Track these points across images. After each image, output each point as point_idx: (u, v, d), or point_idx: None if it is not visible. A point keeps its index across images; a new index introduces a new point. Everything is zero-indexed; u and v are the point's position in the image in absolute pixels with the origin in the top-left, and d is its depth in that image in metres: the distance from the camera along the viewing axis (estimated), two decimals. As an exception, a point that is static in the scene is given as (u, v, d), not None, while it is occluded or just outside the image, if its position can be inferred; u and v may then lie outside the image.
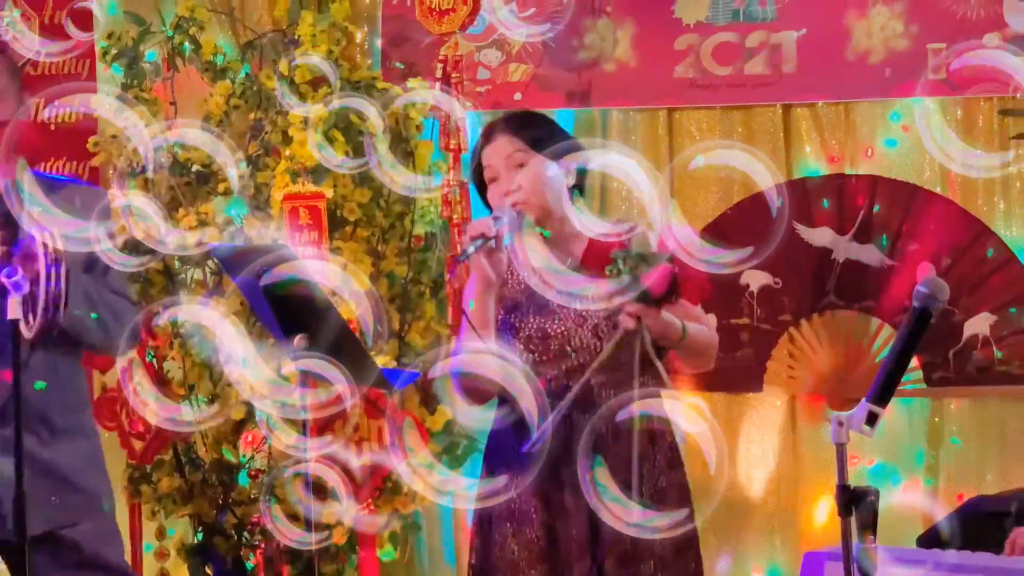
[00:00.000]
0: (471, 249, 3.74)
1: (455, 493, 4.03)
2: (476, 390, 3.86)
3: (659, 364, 3.75)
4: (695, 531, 3.99)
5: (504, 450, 3.90)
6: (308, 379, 3.88)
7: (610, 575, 3.83)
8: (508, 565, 3.88)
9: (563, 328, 3.88)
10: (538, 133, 3.90)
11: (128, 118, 4.19)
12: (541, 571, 3.86)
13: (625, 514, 3.56)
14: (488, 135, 3.95)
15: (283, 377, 3.90)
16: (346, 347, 3.77)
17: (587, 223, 3.75)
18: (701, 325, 3.90)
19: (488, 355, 3.70)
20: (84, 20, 6.15)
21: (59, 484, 4.11)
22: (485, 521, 3.96)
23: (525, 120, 3.97)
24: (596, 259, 3.71)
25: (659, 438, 3.94)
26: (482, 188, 3.96)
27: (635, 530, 3.56)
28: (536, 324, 3.89)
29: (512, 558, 3.88)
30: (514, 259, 3.78)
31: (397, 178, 4.23)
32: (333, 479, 4.35)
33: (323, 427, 5.24)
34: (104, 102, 4.25)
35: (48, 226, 3.82)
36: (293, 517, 4.40)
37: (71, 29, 4.88)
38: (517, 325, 3.92)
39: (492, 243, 3.75)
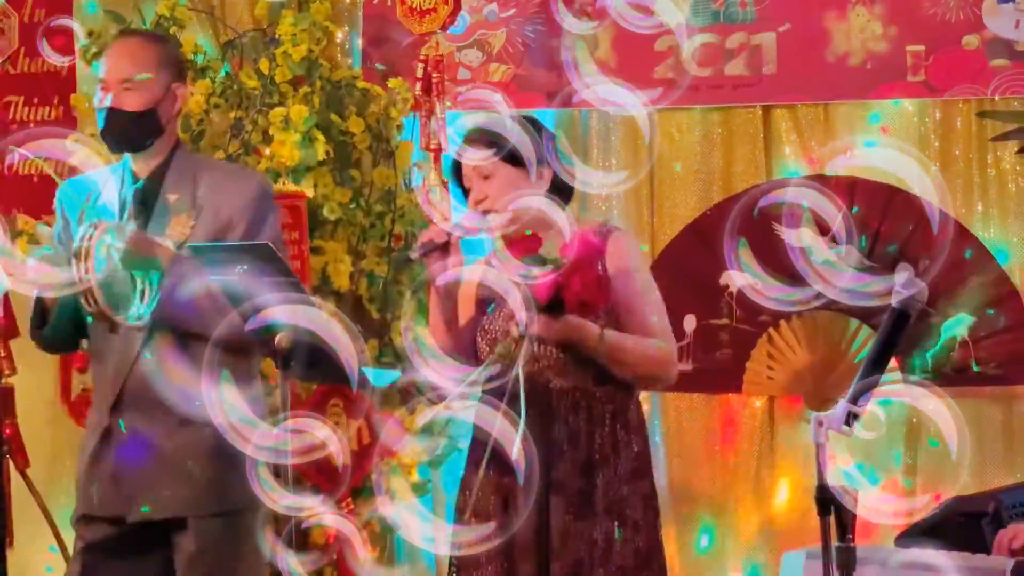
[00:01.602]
0: (414, 255, 3.91)
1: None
2: None
3: (520, 372, 3.75)
4: (659, 541, 4.00)
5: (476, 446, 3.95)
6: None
7: (575, 574, 3.86)
8: (470, 558, 3.92)
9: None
10: (501, 139, 3.93)
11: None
12: (496, 567, 3.89)
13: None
14: (465, 143, 4.01)
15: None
16: (328, 347, 3.77)
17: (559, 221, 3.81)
18: (645, 341, 3.90)
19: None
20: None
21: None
22: (459, 511, 4.01)
23: (488, 129, 3.99)
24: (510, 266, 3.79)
25: (623, 447, 3.95)
26: (465, 192, 4.02)
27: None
28: (502, 327, 3.94)
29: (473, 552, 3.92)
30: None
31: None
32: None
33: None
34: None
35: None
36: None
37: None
38: (486, 326, 4.00)
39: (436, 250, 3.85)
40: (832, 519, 2.98)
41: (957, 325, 5.89)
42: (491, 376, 3.76)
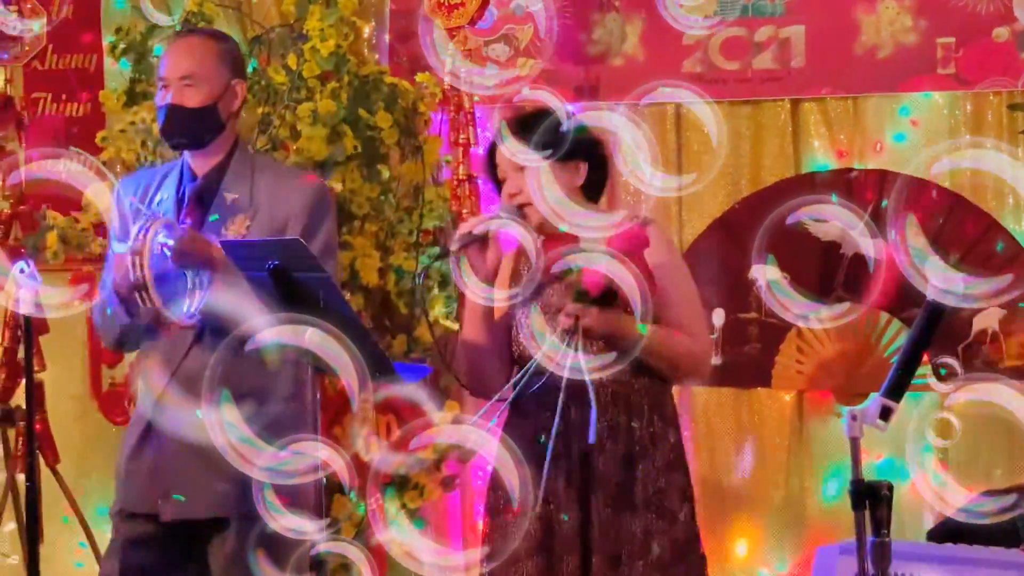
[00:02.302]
0: (454, 247, 3.88)
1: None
2: None
3: (583, 363, 3.76)
4: (696, 533, 4.00)
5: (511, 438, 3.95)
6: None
7: (601, 571, 3.85)
8: (510, 554, 3.90)
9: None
10: (538, 133, 3.92)
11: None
12: (537, 562, 3.89)
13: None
14: (501, 135, 4.00)
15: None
16: (357, 340, 3.76)
17: (591, 220, 3.80)
18: (681, 336, 3.89)
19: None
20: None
21: None
22: (494, 509, 3.99)
23: (527, 123, 3.99)
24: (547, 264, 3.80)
25: (660, 439, 3.96)
26: (498, 184, 4.02)
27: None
28: (539, 320, 3.94)
29: (515, 548, 3.91)
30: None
31: None
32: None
33: (332, 420, 5.25)
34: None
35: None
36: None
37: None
38: (522, 320, 3.99)
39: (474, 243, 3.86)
40: (867, 514, 2.97)
41: (988, 319, 5.87)
42: (538, 372, 3.78)
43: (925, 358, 5.78)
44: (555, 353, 3.74)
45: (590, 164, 3.99)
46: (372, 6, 6.23)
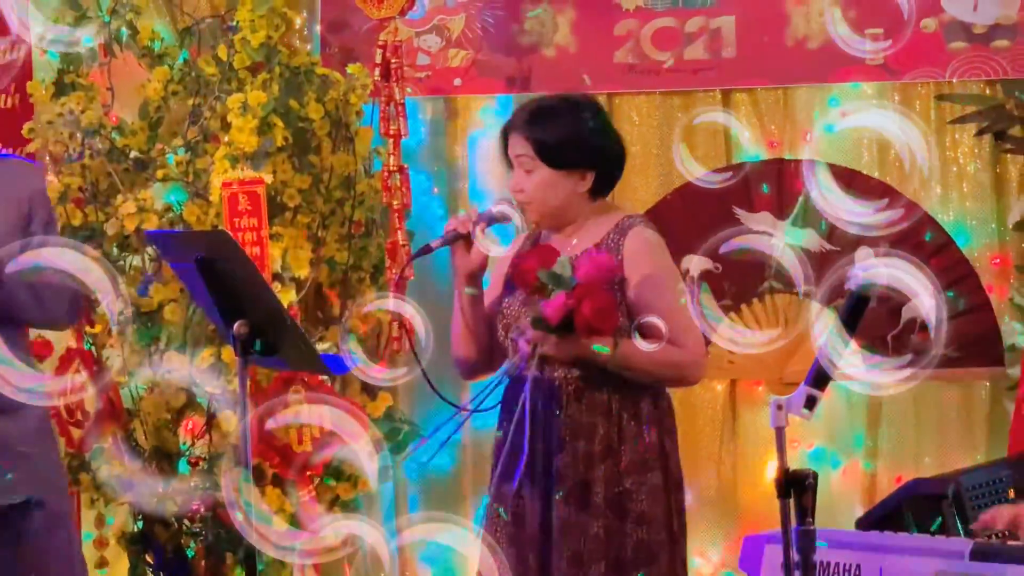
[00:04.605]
0: (434, 244, 3.94)
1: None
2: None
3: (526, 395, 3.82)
4: (674, 535, 4.02)
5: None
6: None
7: (563, 570, 3.86)
8: (490, 547, 3.90)
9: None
10: (547, 142, 3.94)
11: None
12: (510, 553, 3.91)
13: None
14: (512, 123, 4.05)
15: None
16: (284, 330, 3.76)
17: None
18: (664, 346, 3.87)
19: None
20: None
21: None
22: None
23: (538, 122, 4.00)
24: (523, 276, 3.86)
25: (630, 439, 3.95)
26: (510, 164, 4.05)
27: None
28: (516, 312, 3.94)
29: (497, 538, 3.95)
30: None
31: None
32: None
33: (264, 415, 5.23)
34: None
35: None
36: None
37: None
38: (504, 310, 4.02)
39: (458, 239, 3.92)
40: (792, 502, 2.98)
41: (917, 308, 5.90)
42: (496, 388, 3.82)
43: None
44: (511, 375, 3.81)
45: (597, 171, 3.99)
46: (303, -3, 6.21)
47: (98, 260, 3.61)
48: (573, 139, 3.96)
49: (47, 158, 5.62)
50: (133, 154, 5.63)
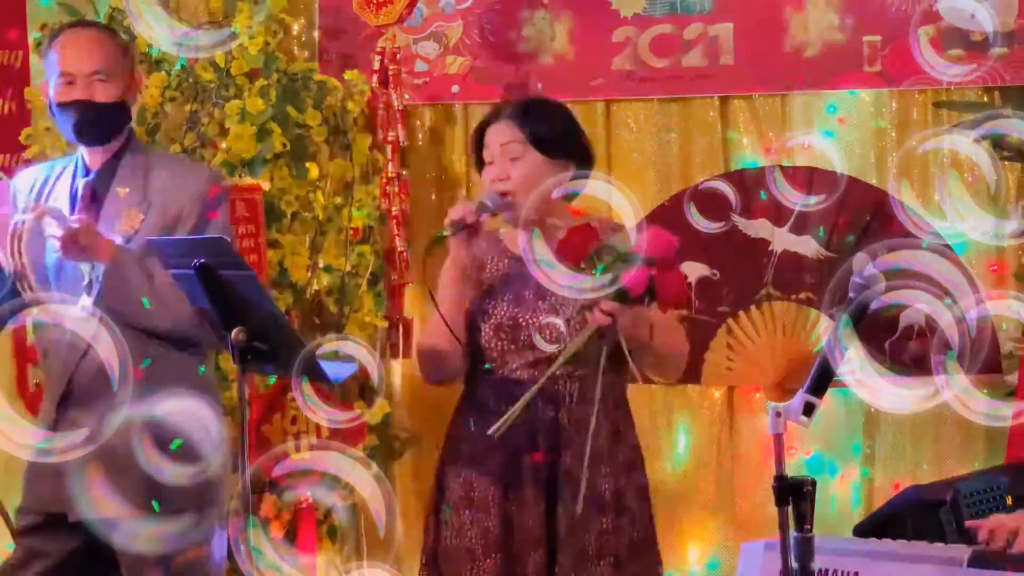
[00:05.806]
0: (447, 232, 3.84)
1: None
2: None
3: (631, 361, 3.80)
4: (654, 533, 4.02)
5: (466, 434, 3.95)
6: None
7: (565, 570, 3.86)
8: (464, 551, 3.90)
9: (535, 319, 3.90)
10: (540, 129, 3.93)
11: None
12: (496, 560, 3.88)
13: None
14: (494, 116, 4.01)
15: None
16: (283, 339, 3.76)
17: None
18: (672, 333, 3.92)
19: None
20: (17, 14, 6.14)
21: None
22: (440, 506, 3.98)
23: (532, 112, 3.99)
24: (571, 252, 3.75)
25: (622, 437, 3.96)
26: (480, 165, 4.01)
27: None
28: (508, 312, 3.92)
29: (469, 545, 3.90)
30: (511, 248, 3.95)
31: None
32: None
33: (261, 419, 5.23)
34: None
35: None
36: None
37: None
38: (489, 311, 3.96)
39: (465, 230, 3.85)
40: (790, 509, 2.98)
41: (915, 315, 5.91)
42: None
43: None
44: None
45: (577, 165, 3.97)
46: (301, 3, 6.21)
47: None
48: (564, 127, 3.98)
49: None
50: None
